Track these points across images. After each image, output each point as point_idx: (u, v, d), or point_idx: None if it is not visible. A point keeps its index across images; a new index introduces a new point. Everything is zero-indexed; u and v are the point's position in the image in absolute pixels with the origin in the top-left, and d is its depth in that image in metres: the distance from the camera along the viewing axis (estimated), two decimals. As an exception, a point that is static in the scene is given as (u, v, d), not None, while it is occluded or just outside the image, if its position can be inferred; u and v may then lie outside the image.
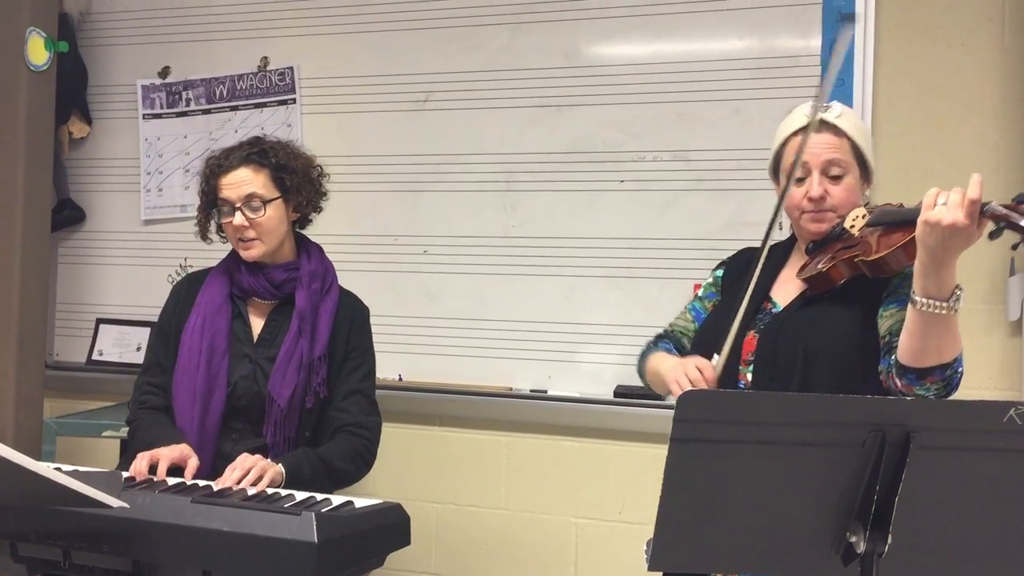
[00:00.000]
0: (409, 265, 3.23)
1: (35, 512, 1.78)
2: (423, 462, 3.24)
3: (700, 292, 2.15)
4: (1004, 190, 2.74)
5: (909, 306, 1.65)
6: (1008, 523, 1.43)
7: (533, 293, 3.09)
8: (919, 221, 1.60)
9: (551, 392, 3.09)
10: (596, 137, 3.05)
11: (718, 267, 2.16)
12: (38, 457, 2.68)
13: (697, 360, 1.87)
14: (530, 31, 3.12)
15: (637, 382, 2.83)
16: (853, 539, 1.40)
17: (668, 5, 2.99)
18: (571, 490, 3.11)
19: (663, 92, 2.98)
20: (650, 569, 1.53)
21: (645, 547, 1.93)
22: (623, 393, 2.96)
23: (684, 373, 1.85)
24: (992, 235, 1.60)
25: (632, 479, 3.01)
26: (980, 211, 1.56)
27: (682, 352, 2.07)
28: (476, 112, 3.17)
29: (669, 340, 2.14)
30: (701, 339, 2.05)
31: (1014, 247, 1.58)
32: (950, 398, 1.69)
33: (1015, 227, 1.55)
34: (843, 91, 2.82)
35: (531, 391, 3.10)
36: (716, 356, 1.86)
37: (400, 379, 3.19)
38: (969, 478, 1.40)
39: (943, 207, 1.57)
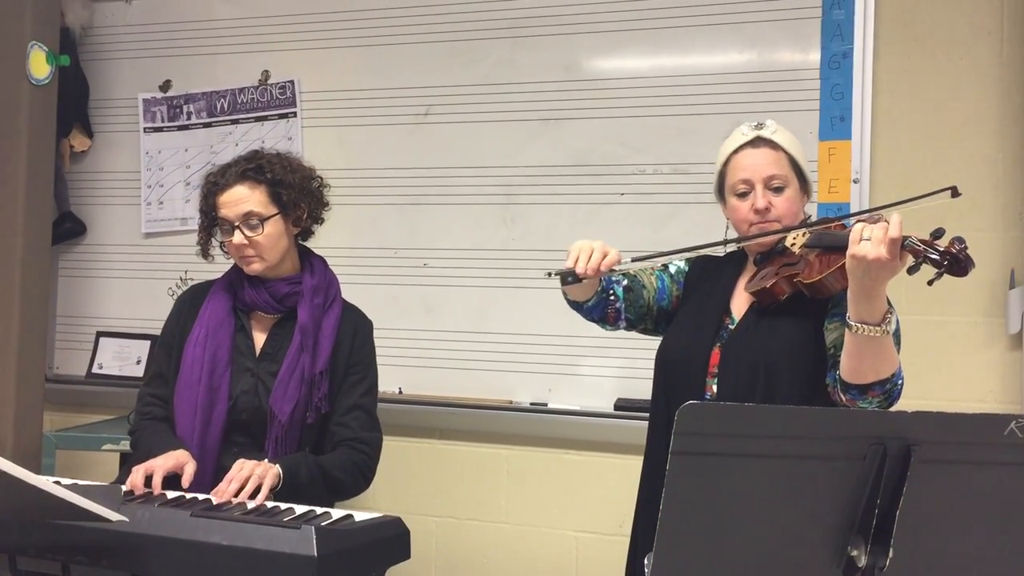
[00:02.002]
0: (409, 278, 3.23)
1: (34, 526, 1.77)
2: (423, 475, 3.24)
3: (672, 268, 2.18)
4: (1003, 202, 2.75)
5: (846, 329, 1.75)
6: (1009, 536, 1.42)
7: (533, 306, 3.09)
8: (847, 255, 1.71)
9: (551, 405, 3.08)
10: (596, 150, 3.06)
11: (681, 260, 2.20)
12: (37, 471, 2.67)
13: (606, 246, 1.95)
14: (530, 45, 3.13)
15: (638, 395, 2.83)
16: (854, 553, 1.40)
17: (668, 19, 3.00)
18: (571, 503, 3.10)
19: (663, 105, 2.99)
20: (651, 583, 1.53)
21: (646, 561, 1.93)
22: (624, 406, 2.96)
23: (591, 246, 1.92)
24: (911, 270, 1.69)
25: (633, 492, 2.99)
26: (901, 246, 1.67)
27: (629, 291, 2.12)
28: (476, 125, 3.17)
29: (624, 276, 2.14)
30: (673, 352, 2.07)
31: (930, 283, 1.67)
32: (952, 411, 1.70)
33: (932, 262, 1.66)
34: (842, 104, 2.83)
35: (531, 404, 3.10)
36: (629, 260, 1.95)
37: (400, 392, 3.19)
38: (970, 491, 1.39)
39: (867, 243, 1.67)
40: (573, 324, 3.01)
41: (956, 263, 1.65)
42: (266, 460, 2.09)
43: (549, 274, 1.99)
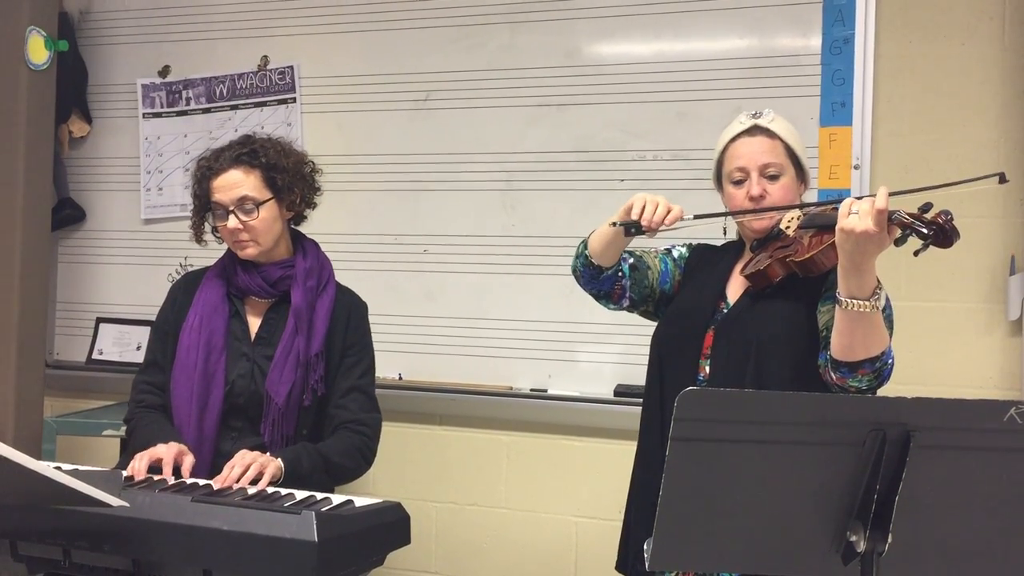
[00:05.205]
0: (409, 264, 3.23)
1: (35, 511, 1.78)
2: (423, 461, 3.24)
3: (675, 253, 2.22)
4: (1004, 188, 2.74)
5: (836, 306, 1.77)
6: (1008, 522, 1.43)
7: (533, 292, 3.09)
8: (836, 229, 1.72)
9: (551, 391, 3.09)
10: (597, 136, 3.05)
11: (683, 246, 2.24)
12: (38, 456, 2.67)
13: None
14: (530, 30, 3.12)
15: (637, 381, 2.84)
16: (853, 538, 1.40)
17: (668, 4, 2.98)
18: (571, 489, 3.11)
19: (664, 91, 2.99)
20: (650, 568, 1.53)
21: (645, 546, 1.93)
22: (623, 392, 2.96)
23: (655, 200, 1.92)
24: (898, 242, 1.71)
25: (632, 478, 3.01)
26: (888, 219, 1.69)
27: (635, 269, 2.14)
28: (476, 111, 3.17)
29: (631, 255, 2.17)
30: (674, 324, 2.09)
31: (916, 253, 1.69)
32: (951, 397, 1.70)
33: (919, 234, 1.67)
34: (844, 90, 2.82)
35: (531, 390, 3.10)
36: (691, 217, 1.95)
37: (400, 378, 3.19)
38: (969, 477, 1.40)
39: (855, 216, 1.70)
40: (573, 310, 3.04)
41: (941, 233, 1.66)
42: (268, 454, 2.10)
43: (614, 223, 1.98)
